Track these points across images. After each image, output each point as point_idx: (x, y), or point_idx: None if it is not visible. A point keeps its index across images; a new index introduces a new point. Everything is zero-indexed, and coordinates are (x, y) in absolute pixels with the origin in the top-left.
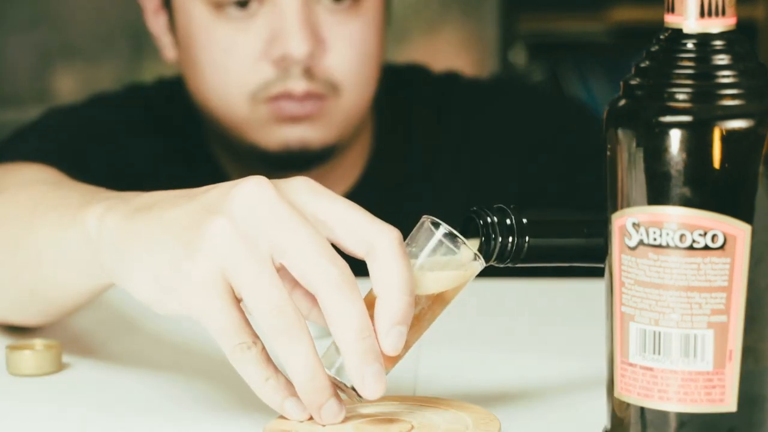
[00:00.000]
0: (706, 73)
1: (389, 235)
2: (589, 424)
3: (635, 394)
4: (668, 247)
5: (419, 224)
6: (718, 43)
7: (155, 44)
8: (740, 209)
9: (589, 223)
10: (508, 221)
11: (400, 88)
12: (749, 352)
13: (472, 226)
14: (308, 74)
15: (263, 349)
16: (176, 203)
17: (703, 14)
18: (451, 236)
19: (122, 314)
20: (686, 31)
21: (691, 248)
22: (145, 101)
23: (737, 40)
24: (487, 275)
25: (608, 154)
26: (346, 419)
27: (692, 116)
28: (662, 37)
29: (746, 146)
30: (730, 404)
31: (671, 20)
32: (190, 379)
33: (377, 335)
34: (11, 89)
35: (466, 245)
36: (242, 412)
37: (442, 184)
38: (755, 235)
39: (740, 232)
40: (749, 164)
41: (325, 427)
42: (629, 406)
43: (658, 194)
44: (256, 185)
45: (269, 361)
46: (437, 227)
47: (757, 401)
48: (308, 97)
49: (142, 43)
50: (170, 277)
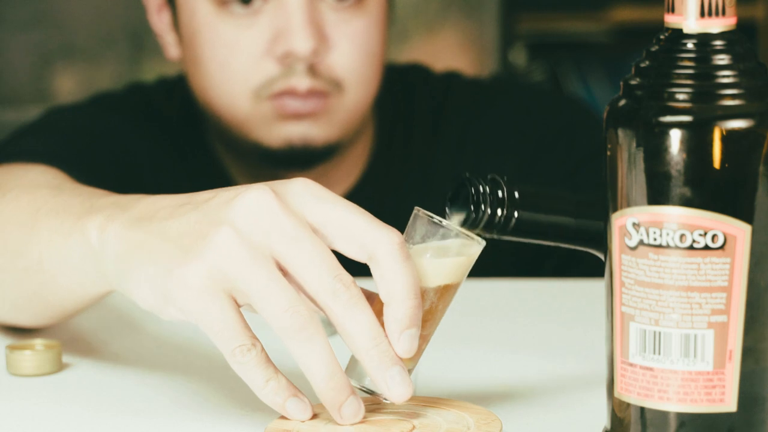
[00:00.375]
0: (706, 73)
1: (389, 239)
2: (589, 424)
3: (635, 394)
4: (668, 247)
5: (412, 217)
6: (718, 43)
7: (158, 42)
8: (740, 209)
9: (584, 204)
10: (499, 193)
11: (400, 87)
12: (749, 352)
13: (462, 193)
14: (312, 71)
15: (262, 350)
16: (178, 213)
17: (703, 14)
18: (445, 223)
19: (122, 314)
20: (686, 31)
21: (691, 248)
22: (146, 100)
23: (737, 40)
24: (487, 275)
25: (608, 154)
26: None
27: (692, 116)
28: (662, 37)
29: (746, 146)
30: (730, 404)
31: (671, 20)
32: (190, 378)
33: (390, 341)
34: (11, 89)
35: (462, 231)
36: (243, 411)
37: (442, 183)
38: (755, 235)
39: (740, 232)
40: (749, 164)
41: (326, 426)
42: (629, 406)
43: (658, 194)
44: (259, 195)
45: (269, 362)
46: (431, 217)
47: (757, 401)
48: (311, 94)
49: (142, 43)
50: (167, 283)
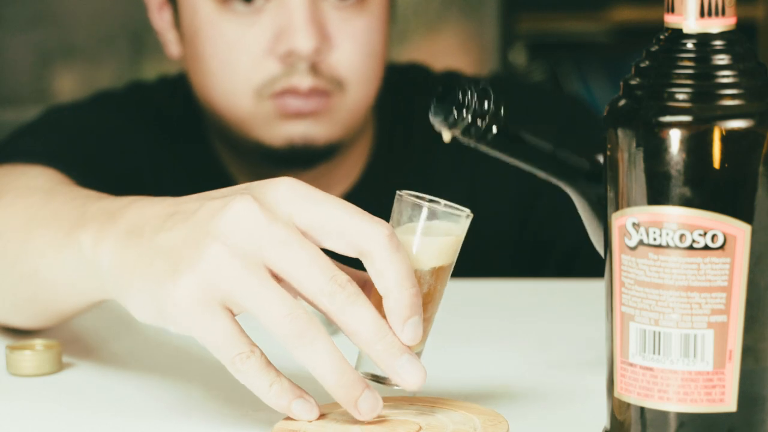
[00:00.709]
0: (705, 73)
1: (378, 232)
2: (589, 424)
3: (635, 394)
4: (668, 247)
5: (396, 202)
6: (718, 43)
7: (158, 41)
8: (740, 209)
9: (567, 141)
10: (486, 104)
11: (400, 87)
12: (749, 352)
13: (451, 95)
14: (314, 70)
15: (262, 355)
16: (167, 226)
17: (703, 14)
18: (428, 198)
19: (122, 314)
20: (686, 31)
21: (691, 248)
22: (147, 99)
23: (737, 40)
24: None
25: (608, 154)
26: (353, 420)
27: (692, 116)
28: (662, 37)
29: (746, 146)
30: (730, 404)
31: (671, 20)
32: (191, 378)
33: (395, 332)
34: (11, 89)
35: (448, 204)
36: (244, 411)
37: (442, 183)
38: (755, 235)
39: (740, 232)
40: (749, 164)
41: (333, 426)
42: (629, 406)
43: (658, 194)
44: (245, 206)
45: (270, 366)
46: (417, 196)
47: (757, 401)
48: (313, 93)
49: (142, 42)
50: (160, 301)
